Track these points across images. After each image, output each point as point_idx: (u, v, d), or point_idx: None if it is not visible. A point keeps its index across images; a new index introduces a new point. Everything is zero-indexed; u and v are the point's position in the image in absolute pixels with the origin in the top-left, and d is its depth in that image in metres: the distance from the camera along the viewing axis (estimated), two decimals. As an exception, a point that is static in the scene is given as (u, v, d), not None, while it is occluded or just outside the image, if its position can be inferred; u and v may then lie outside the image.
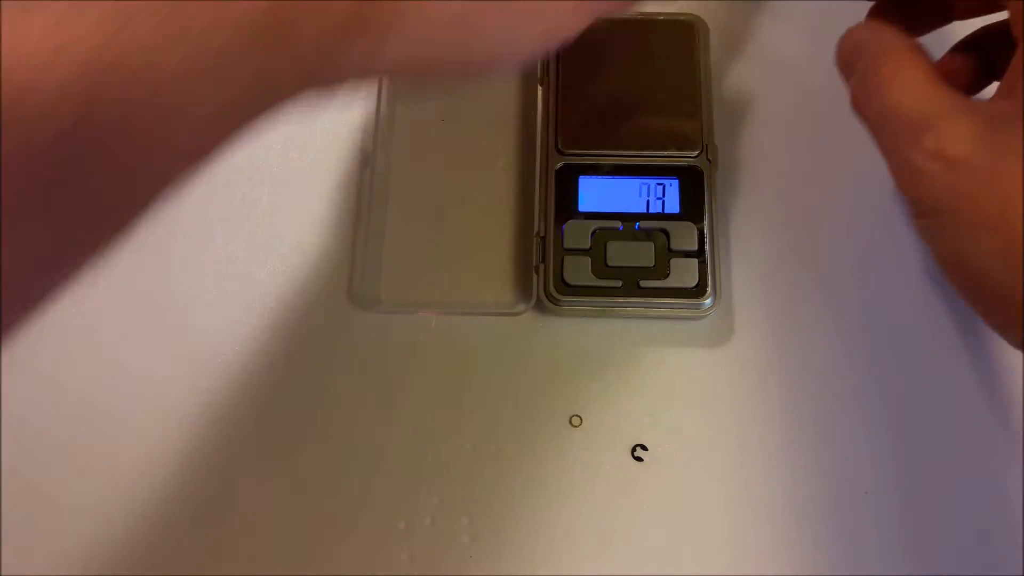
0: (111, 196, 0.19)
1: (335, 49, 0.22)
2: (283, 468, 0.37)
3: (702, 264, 0.38)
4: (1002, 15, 0.29)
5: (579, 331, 0.39)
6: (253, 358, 0.38)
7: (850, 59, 0.29)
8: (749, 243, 0.40)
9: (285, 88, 0.22)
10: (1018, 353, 0.38)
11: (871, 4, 0.32)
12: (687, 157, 0.40)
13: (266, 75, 0.21)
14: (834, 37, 0.46)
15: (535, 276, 0.38)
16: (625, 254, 0.38)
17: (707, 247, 0.38)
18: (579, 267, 0.38)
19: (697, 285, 0.38)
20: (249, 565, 0.35)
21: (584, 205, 0.39)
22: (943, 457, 0.36)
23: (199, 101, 0.20)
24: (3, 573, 0.35)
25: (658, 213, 0.39)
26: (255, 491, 0.36)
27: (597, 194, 0.39)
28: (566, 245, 0.38)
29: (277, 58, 0.21)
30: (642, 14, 0.42)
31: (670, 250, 0.38)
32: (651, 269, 0.38)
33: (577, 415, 0.37)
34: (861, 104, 0.28)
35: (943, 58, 0.33)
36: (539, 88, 0.42)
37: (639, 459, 0.37)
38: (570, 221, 0.39)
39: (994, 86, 0.29)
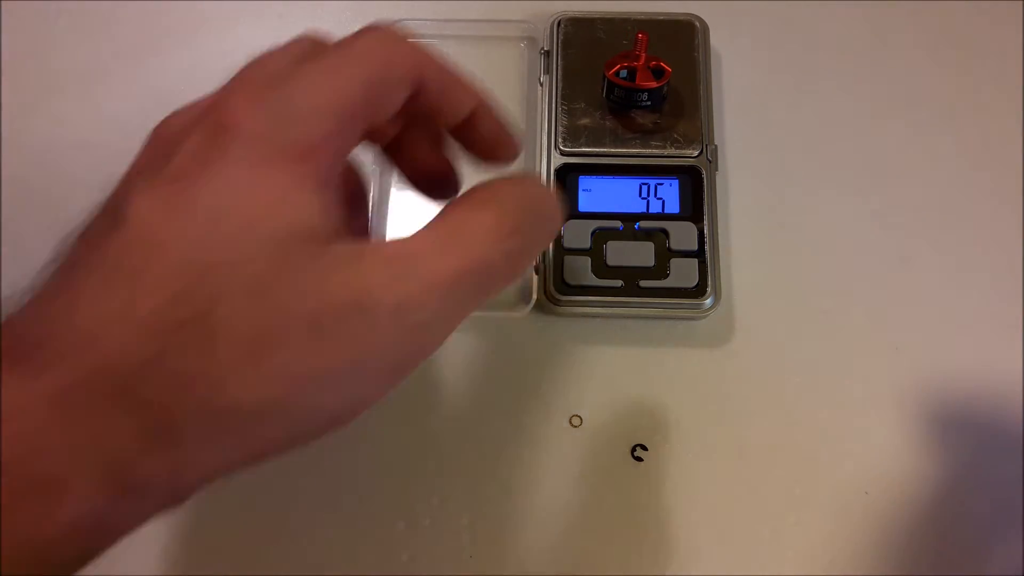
0: None
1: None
2: (282, 468, 0.37)
3: (702, 264, 0.38)
4: None
5: (579, 331, 0.39)
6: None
7: None
8: (749, 243, 0.40)
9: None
10: (1018, 351, 0.38)
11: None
12: (687, 157, 0.40)
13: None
14: (832, 36, 0.46)
15: (535, 276, 0.38)
16: (625, 254, 0.38)
17: (707, 247, 0.38)
18: (579, 267, 0.38)
19: (697, 285, 0.38)
20: (249, 565, 0.35)
21: (584, 205, 0.39)
22: (943, 457, 0.36)
23: None
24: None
25: (658, 213, 0.39)
26: (255, 491, 0.36)
27: (597, 194, 0.39)
28: (566, 245, 0.38)
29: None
30: (642, 14, 0.42)
31: (670, 250, 0.38)
32: (651, 269, 0.38)
33: (577, 415, 0.37)
34: None
35: None
36: (539, 88, 0.42)
37: (639, 459, 0.37)
38: (570, 221, 0.39)
39: None
